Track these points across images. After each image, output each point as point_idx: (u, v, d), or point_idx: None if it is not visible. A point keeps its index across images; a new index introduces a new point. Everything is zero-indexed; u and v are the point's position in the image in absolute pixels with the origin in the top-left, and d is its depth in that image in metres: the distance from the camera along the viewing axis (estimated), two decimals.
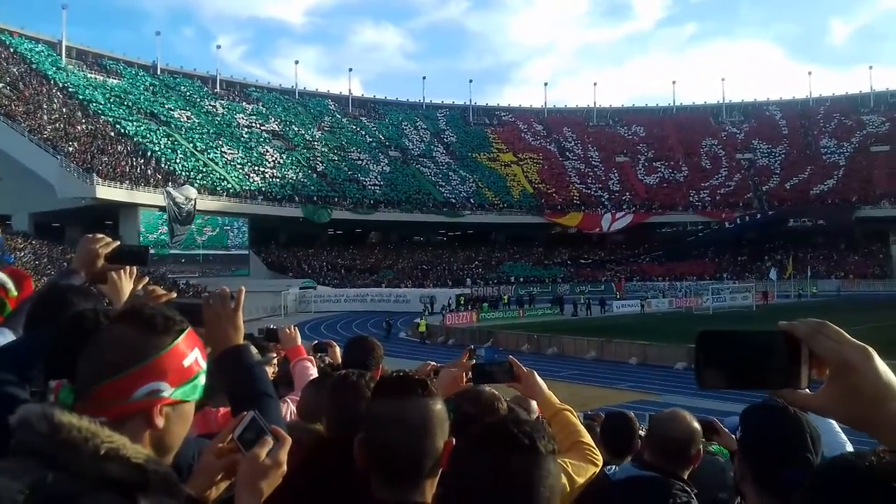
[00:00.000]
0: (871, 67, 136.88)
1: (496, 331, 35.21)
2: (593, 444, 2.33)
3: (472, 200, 74.71)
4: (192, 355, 1.23)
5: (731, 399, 19.30)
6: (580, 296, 52.17)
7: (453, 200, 74.01)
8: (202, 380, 1.22)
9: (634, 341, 29.53)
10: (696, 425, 2.52)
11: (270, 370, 4.27)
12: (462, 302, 46.29)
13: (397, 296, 50.90)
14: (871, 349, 0.93)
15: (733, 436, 4.31)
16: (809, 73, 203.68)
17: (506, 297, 52.52)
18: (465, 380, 2.46)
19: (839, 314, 39.54)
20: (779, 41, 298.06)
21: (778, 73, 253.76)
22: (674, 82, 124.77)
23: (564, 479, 1.19)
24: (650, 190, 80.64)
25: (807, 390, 0.96)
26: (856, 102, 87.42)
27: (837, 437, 2.11)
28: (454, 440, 1.44)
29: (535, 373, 2.50)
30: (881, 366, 0.92)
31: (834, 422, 2.10)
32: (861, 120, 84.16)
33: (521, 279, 65.37)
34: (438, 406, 1.46)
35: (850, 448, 2.09)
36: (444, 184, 77.11)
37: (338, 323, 41.48)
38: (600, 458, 2.38)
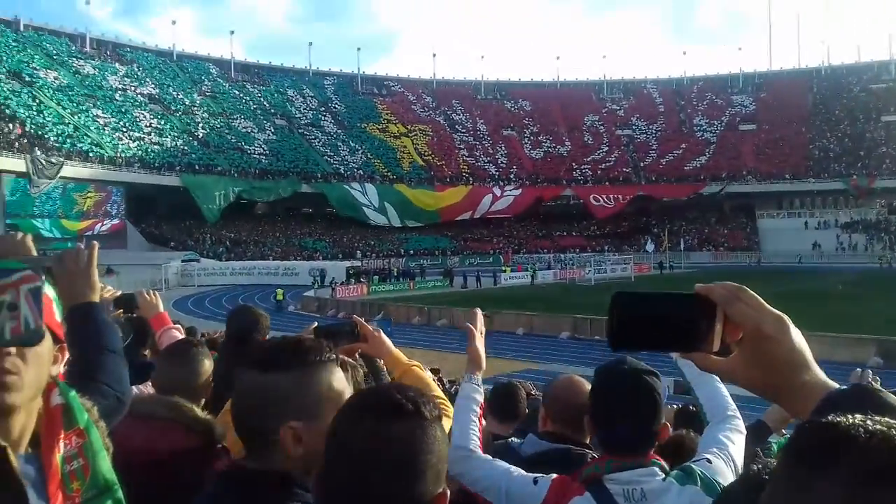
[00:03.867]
0: (740, 49, 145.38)
1: (387, 303, 35.20)
2: (444, 398, 2.31)
3: (361, 171, 73.97)
4: None
5: None
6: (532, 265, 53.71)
7: (342, 171, 73.03)
8: None
9: (521, 312, 30.25)
10: None
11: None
12: (352, 274, 45.96)
13: (286, 268, 49.90)
14: (787, 318, 0.92)
15: None
16: (684, 53, 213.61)
17: (395, 269, 52.55)
18: None
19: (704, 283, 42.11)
20: (656, 20, 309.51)
21: (656, 52, 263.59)
22: (558, 58, 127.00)
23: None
24: (536, 163, 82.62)
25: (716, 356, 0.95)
26: (726, 82, 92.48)
27: (720, 400, 2.18)
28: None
29: (381, 331, 2.45)
30: (796, 336, 0.91)
31: (721, 385, 2.20)
32: (730, 99, 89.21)
33: (412, 252, 65.57)
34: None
35: (732, 410, 2.16)
36: (332, 154, 75.87)
37: (223, 297, 40.25)
38: (451, 409, 2.36)
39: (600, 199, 75.59)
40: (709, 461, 1.92)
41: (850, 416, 0.56)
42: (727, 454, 1.98)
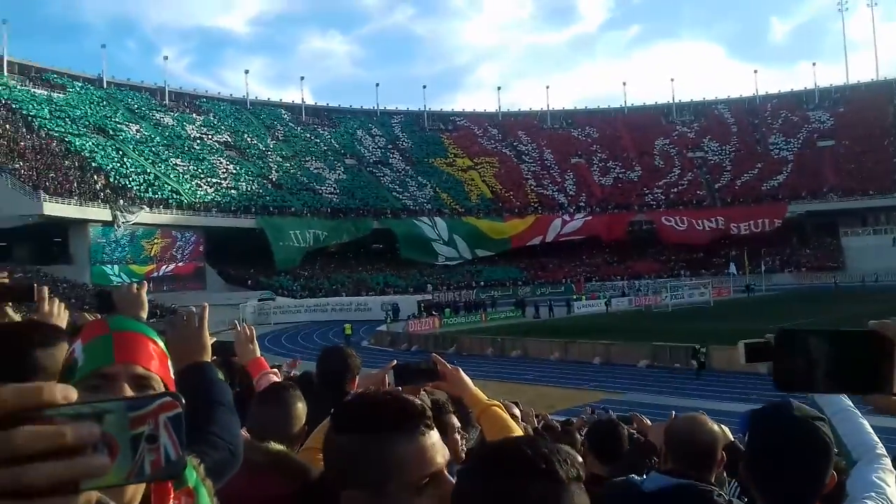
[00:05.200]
0: (814, 64, 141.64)
1: (459, 336, 35.07)
2: None
3: (430, 206, 74.57)
4: None
5: (704, 396, 19.49)
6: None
7: (411, 206, 73.79)
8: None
9: (597, 341, 29.64)
10: (717, 428, 2.45)
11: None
12: (424, 308, 46.05)
13: (358, 304, 50.45)
14: None
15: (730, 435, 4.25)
16: (755, 72, 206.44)
17: (466, 301, 52.47)
18: (386, 383, 2.35)
19: (790, 305, 40.47)
20: (722, 41, 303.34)
21: (725, 73, 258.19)
22: (624, 83, 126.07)
23: None
24: (605, 190, 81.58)
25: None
26: (801, 99, 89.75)
27: (866, 437, 1.98)
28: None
29: (459, 369, 2.38)
30: None
31: (864, 421, 2.03)
32: (807, 116, 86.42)
33: (483, 283, 65.38)
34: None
35: (881, 448, 1.97)
36: (401, 190, 76.83)
37: (298, 334, 40.91)
38: None
39: (672, 220, 73.99)
40: None
41: None
42: (886, 499, 1.86)
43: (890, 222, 68.79)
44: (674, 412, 3.91)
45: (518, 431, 2.27)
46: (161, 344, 1.20)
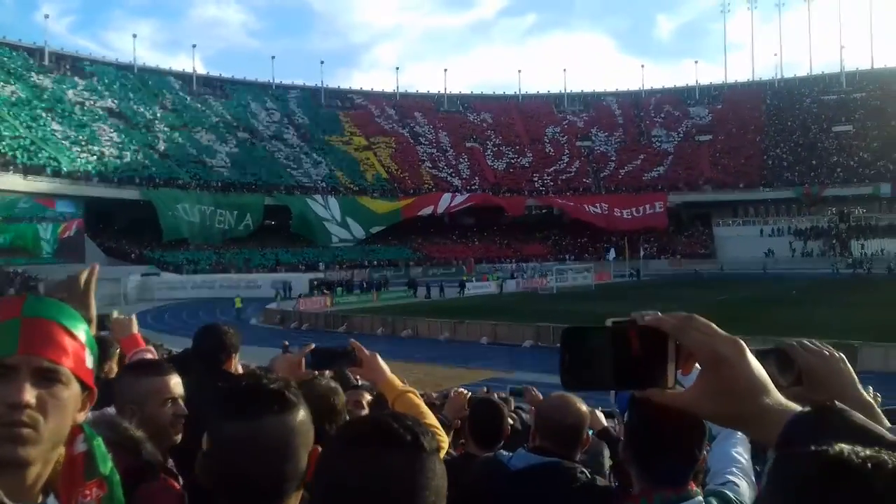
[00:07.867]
0: (696, 62, 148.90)
1: (350, 315, 35.28)
2: (439, 426, 2.25)
3: (325, 184, 73.91)
4: None
5: None
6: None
7: (306, 183, 72.87)
8: None
9: (485, 321, 30.60)
10: (585, 408, 2.54)
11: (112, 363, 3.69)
12: (316, 286, 45.89)
13: (248, 282, 49.62)
14: (742, 342, 0.89)
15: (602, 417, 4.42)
16: (642, 66, 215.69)
17: (360, 280, 52.62)
18: (303, 365, 2.25)
19: (675, 290, 43.03)
20: (612, 35, 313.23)
21: (614, 66, 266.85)
22: (519, 71, 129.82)
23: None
24: (498, 175, 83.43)
25: (676, 388, 0.91)
26: (683, 95, 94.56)
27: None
28: (318, 448, 1.26)
29: (377, 355, 2.33)
30: (753, 359, 0.88)
31: None
32: (687, 111, 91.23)
33: (375, 263, 65.61)
34: (299, 417, 1.27)
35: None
36: (295, 167, 75.68)
37: (183, 311, 39.95)
38: (446, 439, 2.43)
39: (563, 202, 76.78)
40: (736, 484, 1.87)
41: (843, 446, 0.58)
42: (745, 472, 1.95)
43: (758, 215, 73.99)
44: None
45: (431, 417, 2.29)
46: (81, 333, 1.11)
